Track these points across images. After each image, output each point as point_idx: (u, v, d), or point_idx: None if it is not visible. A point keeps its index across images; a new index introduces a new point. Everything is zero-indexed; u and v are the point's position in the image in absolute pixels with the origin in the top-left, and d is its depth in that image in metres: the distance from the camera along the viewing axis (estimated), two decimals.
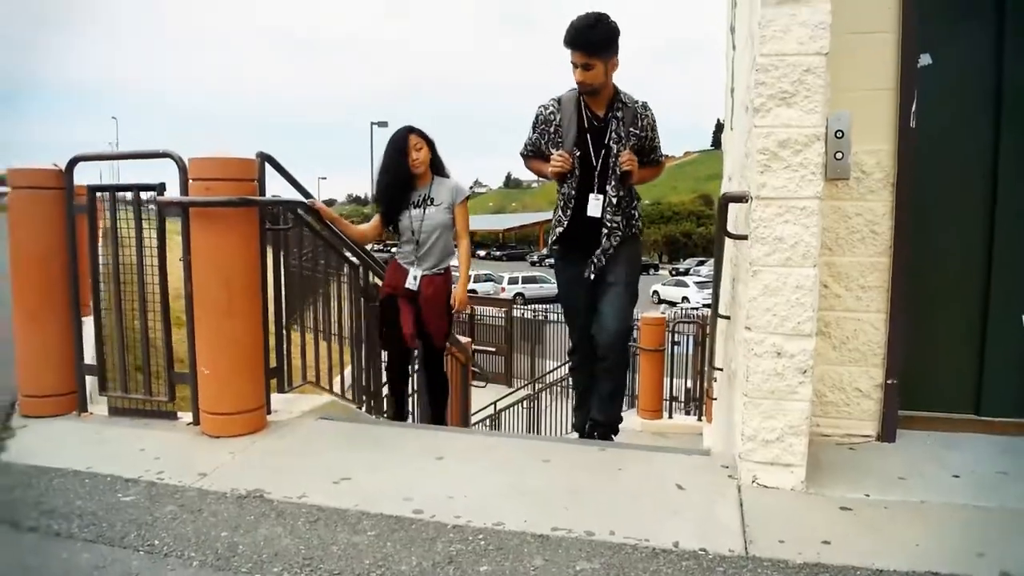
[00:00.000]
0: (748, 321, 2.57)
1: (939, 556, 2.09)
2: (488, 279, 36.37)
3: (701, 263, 48.04)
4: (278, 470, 2.81)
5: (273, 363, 3.55)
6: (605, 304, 3.54)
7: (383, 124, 36.90)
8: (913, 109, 2.93)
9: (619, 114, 3.42)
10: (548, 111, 3.48)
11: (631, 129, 3.43)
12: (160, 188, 3.29)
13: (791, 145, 2.47)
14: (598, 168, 3.42)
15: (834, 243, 3.01)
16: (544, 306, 24.23)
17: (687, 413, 8.58)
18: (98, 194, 3.44)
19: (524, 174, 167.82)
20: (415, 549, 2.19)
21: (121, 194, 3.42)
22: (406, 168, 3.72)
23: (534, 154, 3.64)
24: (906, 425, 3.16)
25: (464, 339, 7.11)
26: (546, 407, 11.61)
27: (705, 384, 7.05)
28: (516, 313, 20.31)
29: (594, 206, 3.42)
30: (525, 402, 11.63)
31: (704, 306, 27.78)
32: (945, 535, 2.25)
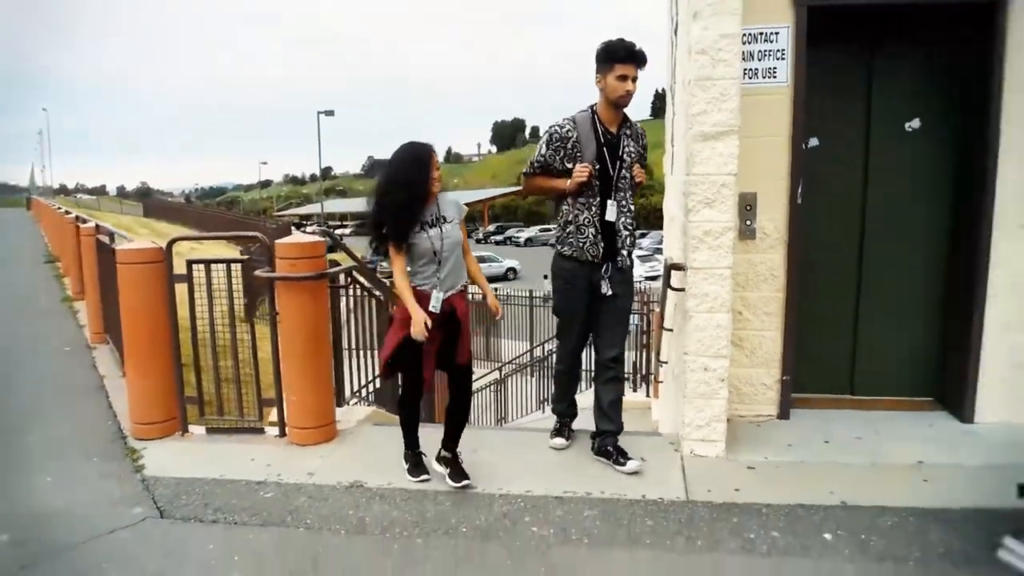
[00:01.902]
0: (686, 348, 3.83)
1: (805, 495, 3.43)
2: None
3: (643, 235, 48.98)
4: (365, 466, 3.96)
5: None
6: (617, 321, 3.90)
7: (330, 113, 37.74)
8: (800, 190, 4.21)
9: (628, 131, 3.80)
10: (564, 129, 3.75)
11: (636, 146, 3.84)
12: (247, 262, 4.38)
13: (712, 234, 3.74)
14: (615, 178, 3.76)
15: (746, 283, 4.29)
16: (494, 286, 25.46)
17: (635, 390, 9.94)
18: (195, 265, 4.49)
19: (465, 149, 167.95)
20: (481, 510, 3.42)
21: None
22: (428, 185, 3.48)
23: (542, 171, 3.85)
24: (800, 405, 4.49)
25: None
26: (512, 389, 12.93)
27: (651, 362, 8.45)
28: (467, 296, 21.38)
29: (611, 211, 3.75)
30: (493, 386, 12.90)
31: (647, 279, 29.29)
32: (811, 482, 3.58)
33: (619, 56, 3.63)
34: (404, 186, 3.44)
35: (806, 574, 2.89)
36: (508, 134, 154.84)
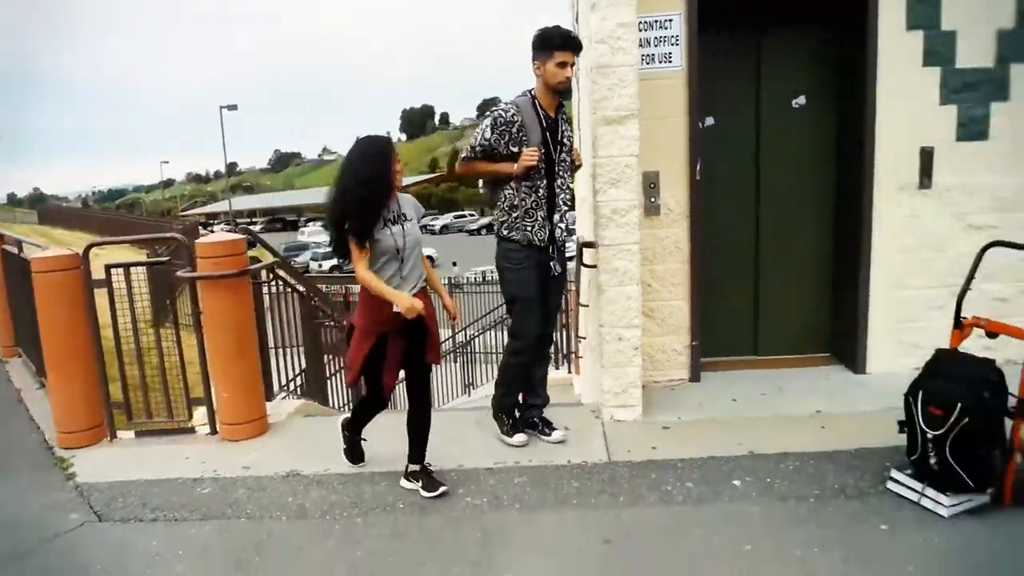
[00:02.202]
0: (602, 320, 4.08)
1: (715, 448, 3.74)
2: None
3: None
4: (299, 456, 4.06)
5: None
6: (557, 298, 4.10)
7: (233, 107, 36.72)
8: (699, 167, 4.49)
9: (563, 116, 3.89)
10: (510, 113, 3.75)
11: (570, 129, 3.95)
12: (168, 264, 4.39)
13: (620, 212, 3.98)
14: (556, 160, 3.83)
15: (654, 257, 4.56)
16: None
17: (557, 368, 10.22)
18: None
19: None
20: None
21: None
22: (392, 179, 3.39)
23: (484, 156, 3.84)
24: (709, 368, 4.81)
25: None
26: (437, 375, 13.04)
27: (571, 340, 8.75)
28: None
29: (557, 194, 3.85)
30: None
31: None
32: (721, 435, 3.90)
33: (556, 43, 3.70)
34: (368, 181, 3.33)
35: (719, 517, 3.17)
36: (418, 121, 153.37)
